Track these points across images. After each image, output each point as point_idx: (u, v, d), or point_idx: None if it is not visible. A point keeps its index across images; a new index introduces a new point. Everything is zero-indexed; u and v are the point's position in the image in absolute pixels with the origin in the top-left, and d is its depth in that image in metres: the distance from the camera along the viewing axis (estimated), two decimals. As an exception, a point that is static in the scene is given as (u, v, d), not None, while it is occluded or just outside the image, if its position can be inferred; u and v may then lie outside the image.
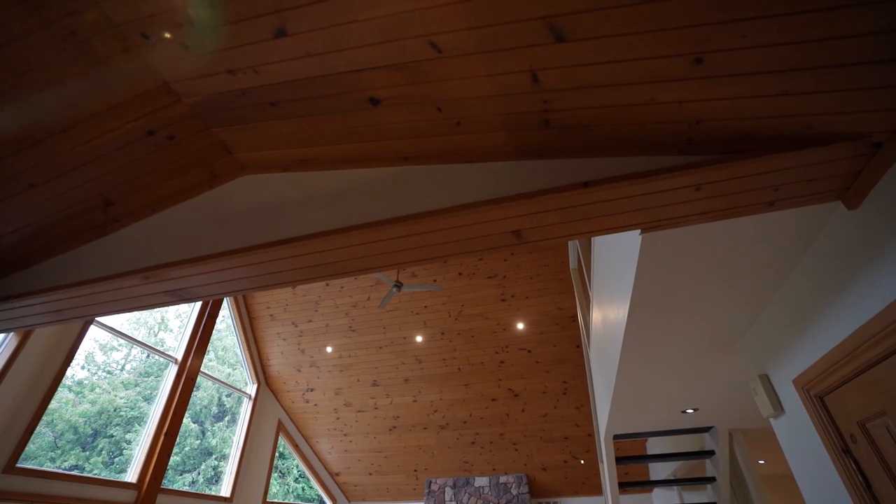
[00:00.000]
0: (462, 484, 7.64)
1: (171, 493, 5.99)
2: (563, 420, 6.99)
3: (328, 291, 7.13)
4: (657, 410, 3.08)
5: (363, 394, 7.55)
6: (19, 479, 4.45)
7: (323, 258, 1.51)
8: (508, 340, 6.77)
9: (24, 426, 4.57)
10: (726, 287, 1.65)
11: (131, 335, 6.08)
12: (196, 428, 11.92)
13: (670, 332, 1.99)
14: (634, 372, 2.43)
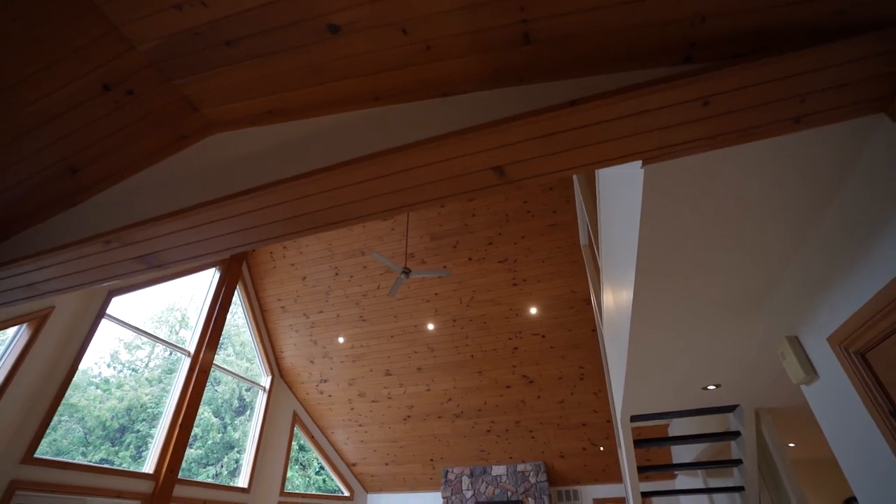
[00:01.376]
0: (479, 473, 7.52)
1: (189, 483, 6.02)
2: (580, 406, 6.79)
3: (338, 281, 7.06)
4: (675, 387, 2.88)
5: (376, 384, 7.48)
6: (38, 469, 4.50)
7: (293, 209, 1.38)
8: (522, 326, 6.59)
9: (40, 419, 4.60)
10: (746, 235, 1.46)
11: (153, 333, 6.10)
12: (218, 422, 12.08)
13: (683, 295, 1.80)
14: (647, 343, 2.25)
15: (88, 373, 10.71)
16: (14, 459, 4.34)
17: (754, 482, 3.58)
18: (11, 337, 4.48)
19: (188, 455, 10.73)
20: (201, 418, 11.84)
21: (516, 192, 6.09)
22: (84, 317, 5.11)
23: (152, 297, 6.51)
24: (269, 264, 7.41)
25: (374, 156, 1.20)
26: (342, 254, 6.91)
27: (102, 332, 5.40)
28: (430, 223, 6.48)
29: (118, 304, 5.66)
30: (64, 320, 4.85)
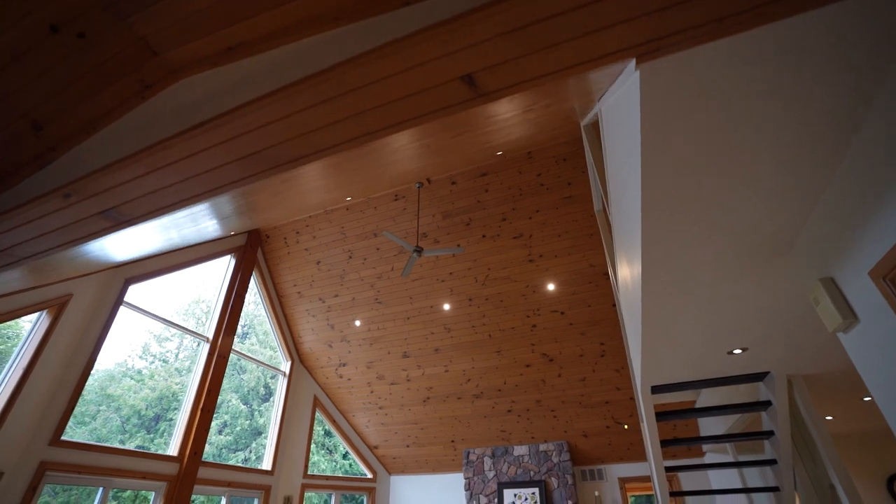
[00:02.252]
0: (501, 453, 7.44)
1: (213, 465, 6.12)
2: (602, 384, 6.61)
3: (352, 264, 7.01)
4: (697, 353, 2.69)
5: (394, 366, 7.44)
6: (65, 451, 4.61)
7: (251, 143, 1.27)
8: (539, 303, 6.42)
9: (65, 403, 4.71)
10: (768, 161, 1.27)
11: (181, 324, 6.17)
12: (245, 409, 12.38)
13: (696, 239, 1.62)
14: (661, 301, 2.07)
15: (124, 364, 11.11)
16: (43, 441, 4.47)
17: (788, 455, 3.36)
18: (33, 323, 4.58)
19: (218, 441, 11.05)
20: (230, 405, 12.16)
21: (529, 165, 5.88)
22: (102, 304, 5.19)
23: (179, 289, 6.61)
24: (284, 250, 7.42)
25: (326, 72, 1.07)
26: (355, 236, 6.85)
27: (121, 319, 5.49)
28: (443, 201, 6.34)
29: (136, 292, 5.75)
30: (82, 307, 4.94)
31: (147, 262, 5.76)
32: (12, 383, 4.27)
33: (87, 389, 10.51)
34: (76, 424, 9.59)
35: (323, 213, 6.85)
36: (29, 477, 4.30)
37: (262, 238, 7.54)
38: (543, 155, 5.82)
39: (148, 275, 5.77)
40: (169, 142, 1.25)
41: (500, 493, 7.09)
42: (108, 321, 5.22)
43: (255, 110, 1.15)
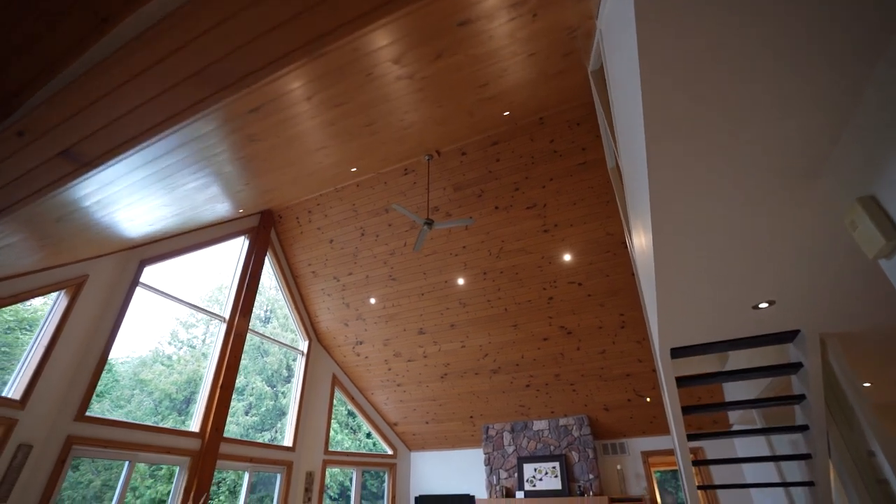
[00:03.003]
0: (520, 428, 7.37)
1: (235, 441, 6.23)
2: (622, 356, 6.42)
3: (364, 242, 6.94)
4: (718, 307, 2.50)
5: (411, 343, 7.41)
6: (91, 426, 4.74)
7: (195, 57, 1.15)
8: (556, 275, 6.24)
9: (88, 380, 4.82)
10: (791, 61, 1.08)
11: (198, 305, 6.21)
12: (270, 391, 12.68)
13: (711, 168, 1.44)
14: (675, 247, 1.89)
15: (156, 351, 11.49)
16: (68, 417, 4.59)
17: (821, 420, 3.16)
18: (52, 303, 4.66)
19: (245, 422, 11.34)
20: (254, 388, 12.47)
21: (542, 131, 5.65)
22: (118, 285, 5.26)
23: (195, 271, 6.68)
24: (297, 230, 7.40)
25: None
26: (366, 213, 6.76)
27: (145, 304, 5.57)
28: (453, 173, 6.18)
29: (153, 275, 5.81)
30: (99, 288, 5.01)
31: (161, 243, 5.80)
32: (35, 361, 4.37)
33: (122, 374, 10.92)
34: (113, 407, 10.00)
35: (334, 190, 6.78)
36: (57, 450, 4.44)
37: (275, 218, 7.53)
38: (556, 120, 5.57)
39: (162, 256, 5.82)
40: (106, 63, 1.15)
41: (521, 467, 7.04)
42: (125, 301, 5.29)
43: (189, 14, 1.03)
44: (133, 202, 3.52)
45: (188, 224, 5.35)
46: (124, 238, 4.56)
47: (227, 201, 5.05)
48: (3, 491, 4.00)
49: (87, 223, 3.64)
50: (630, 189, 2.28)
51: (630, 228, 3.12)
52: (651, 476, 6.79)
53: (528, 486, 6.85)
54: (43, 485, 4.29)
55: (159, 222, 4.65)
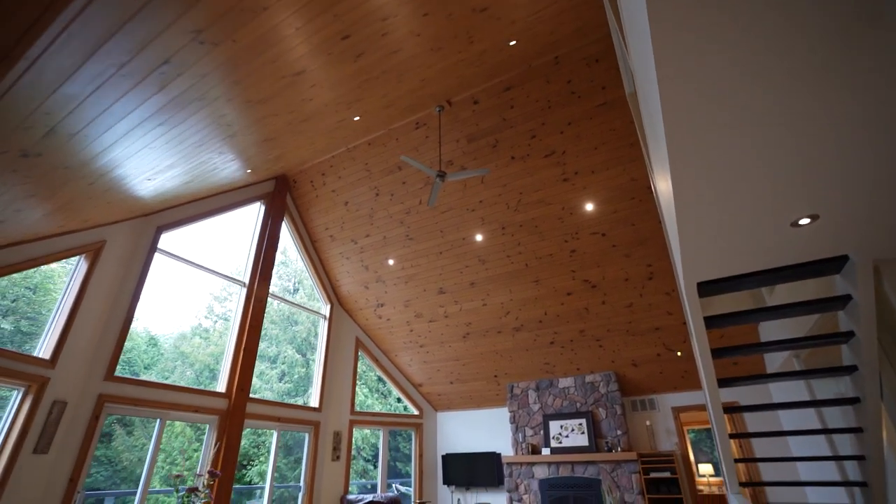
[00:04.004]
0: (545, 386, 7.26)
1: (261, 402, 6.37)
2: (651, 309, 6.14)
3: (379, 202, 6.80)
4: (750, 225, 2.20)
5: (431, 303, 7.32)
6: (119, 385, 4.89)
7: None
8: (578, 226, 5.94)
9: (114, 343, 4.94)
10: None
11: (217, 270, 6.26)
12: (301, 359, 13.04)
13: (734, 27, 1.17)
14: (693, 142, 1.63)
15: (195, 325, 11.96)
16: (98, 377, 4.74)
17: (872, 359, 2.85)
18: (73, 268, 4.76)
19: (279, 388, 11.72)
20: (286, 356, 12.86)
21: (557, 72, 5.27)
22: (137, 251, 5.32)
23: (212, 238, 6.72)
24: (312, 193, 7.32)
25: None
26: (380, 172, 6.59)
27: (166, 271, 5.64)
28: (465, 124, 5.89)
29: (173, 242, 5.86)
30: (117, 253, 5.08)
31: (177, 210, 5.82)
32: (60, 323, 4.49)
33: (166, 349, 11.42)
34: (160, 379, 10.53)
35: (345, 150, 6.61)
36: (91, 407, 4.61)
37: (290, 183, 7.47)
38: (572, 58, 5.17)
39: (178, 222, 5.84)
40: None
41: (546, 424, 6.96)
42: (144, 267, 5.36)
43: None
44: (136, 152, 3.46)
45: (198, 184, 5.31)
46: (134, 196, 4.55)
47: (230, 154, 4.96)
48: (43, 444, 4.19)
49: (94, 178, 3.61)
50: (643, 94, 2.00)
51: (650, 156, 2.82)
52: (683, 432, 6.58)
53: (554, 443, 6.78)
54: (80, 439, 4.48)
55: (168, 181, 4.61)
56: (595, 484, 6.26)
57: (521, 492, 6.71)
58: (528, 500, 6.62)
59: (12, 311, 5.10)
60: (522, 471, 6.80)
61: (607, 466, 6.26)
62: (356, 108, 5.08)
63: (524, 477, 6.76)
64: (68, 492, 4.33)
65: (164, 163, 4.03)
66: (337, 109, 4.80)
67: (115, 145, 3.25)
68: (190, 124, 3.59)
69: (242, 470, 10.14)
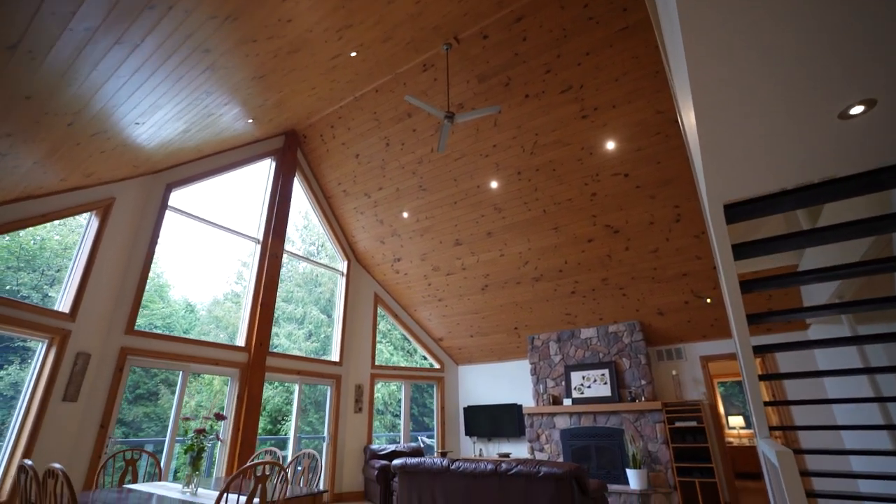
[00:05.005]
0: (567, 337, 7.09)
1: (281, 356, 6.46)
2: (678, 254, 5.78)
3: (390, 152, 6.56)
4: (787, 120, 1.87)
5: (448, 255, 7.16)
6: (140, 339, 5.00)
7: None
8: (598, 167, 5.57)
9: (132, 298, 5.02)
10: None
11: (230, 227, 6.26)
12: (325, 318, 13.30)
13: None
14: (712, 6, 1.32)
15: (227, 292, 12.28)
16: (119, 331, 4.85)
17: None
18: (85, 225, 4.79)
19: (306, 347, 12.01)
20: (311, 316, 13.11)
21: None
22: (147, 208, 5.32)
23: (224, 195, 6.69)
24: (322, 148, 7.14)
25: None
26: (389, 120, 6.32)
27: (168, 222, 5.64)
28: (475, 62, 5.51)
29: (184, 199, 5.84)
30: (128, 210, 5.09)
31: (186, 168, 5.76)
32: (77, 278, 4.56)
33: (199, 313, 11.81)
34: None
35: (353, 100, 6.35)
36: (114, 359, 4.74)
37: (300, 139, 7.30)
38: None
39: (188, 180, 5.79)
40: None
41: (568, 375, 6.84)
42: (156, 224, 5.37)
43: None
44: (139, 101, 3.33)
45: (199, 134, 5.19)
46: (125, 144, 4.46)
47: (220, 94, 4.77)
48: (71, 391, 4.35)
49: (70, 117, 3.51)
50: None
51: (666, 50, 2.46)
52: (712, 381, 6.34)
53: (575, 394, 6.66)
54: (106, 389, 4.64)
55: (162, 128, 4.50)
56: (617, 434, 6.15)
57: (542, 442, 6.69)
58: (549, 450, 6.60)
59: (31, 266, 5.23)
60: (543, 421, 6.75)
61: (630, 416, 6.12)
62: (349, 40, 4.76)
63: (545, 427, 6.72)
64: (99, 437, 4.52)
65: (147, 102, 3.87)
66: (326, 38, 4.50)
67: (83, 80, 3.11)
68: (191, 79, 3.41)
69: (278, 425, 10.59)
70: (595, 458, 6.22)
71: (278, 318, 13.15)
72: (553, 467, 3.54)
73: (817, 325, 5.63)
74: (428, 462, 4.15)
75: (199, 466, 3.06)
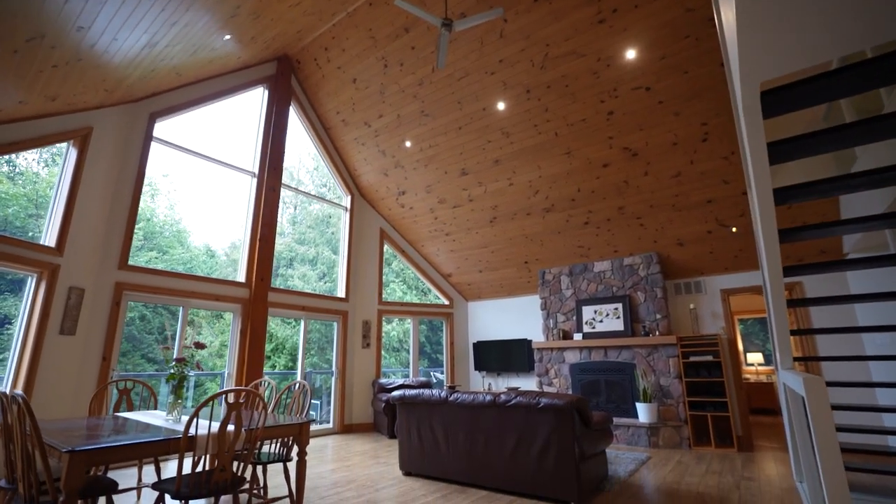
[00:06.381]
0: (580, 271, 6.77)
1: (285, 291, 6.36)
2: (703, 177, 5.27)
3: (389, 75, 6.01)
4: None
5: (454, 186, 6.76)
6: (135, 274, 4.89)
7: None
8: (617, 80, 4.96)
9: (123, 232, 4.87)
10: None
11: (224, 161, 5.97)
12: (337, 258, 13.32)
13: None
14: None
15: (244, 235, 12.31)
16: (112, 266, 4.74)
17: None
18: (64, 156, 4.55)
19: (319, 287, 12.04)
20: (324, 256, 13.09)
21: None
22: (131, 139, 5.05)
23: (214, 127, 6.34)
24: (318, 74, 6.61)
25: None
26: (385, 38, 5.72)
27: (155, 154, 5.36)
28: (478, -41, 4.80)
29: (169, 130, 5.52)
30: (108, 140, 4.82)
31: (168, 95, 5.40)
32: (60, 211, 4.39)
33: (220, 258, 11.86)
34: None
35: (346, 16, 5.74)
36: (110, 294, 4.67)
37: (293, 64, 6.77)
38: None
39: (173, 109, 5.44)
40: None
41: (579, 310, 6.59)
42: (142, 156, 5.11)
43: None
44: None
45: (172, 52, 4.76)
46: (102, 66, 4.10)
47: (198, 9, 4.31)
48: (68, 325, 4.31)
49: (31, 32, 3.15)
50: None
51: None
52: (731, 316, 6.00)
53: (587, 329, 6.45)
54: (105, 323, 4.60)
55: (136, 47, 4.10)
56: (628, 368, 5.97)
57: (550, 376, 6.59)
58: (558, 384, 6.51)
59: (13, 201, 5.10)
60: (553, 356, 6.62)
61: (643, 351, 5.90)
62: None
63: (555, 362, 6.59)
64: (102, 370, 4.55)
65: (138, 31, 3.46)
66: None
67: None
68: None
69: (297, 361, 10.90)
70: (605, 393, 6.11)
71: (292, 259, 13.19)
72: (554, 398, 3.35)
73: (856, 253, 5.16)
74: (426, 394, 4.04)
75: (182, 395, 2.96)
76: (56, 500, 2.11)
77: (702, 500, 3.33)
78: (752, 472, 4.23)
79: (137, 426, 2.69)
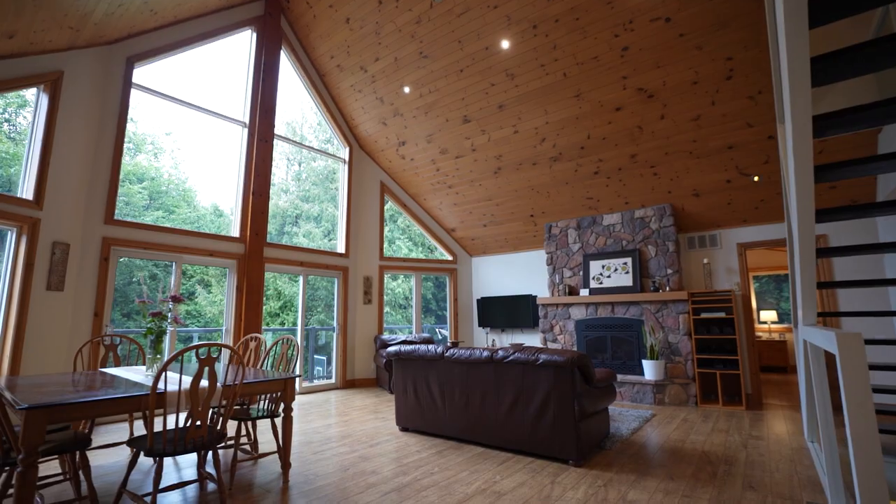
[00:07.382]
0: (588, 224, 6.46)
1: (283, 247, 6.18)
2: (725, 121, 4.83)
3: (384, 12, 5.52)
4: None
5: (456, 135, 6.38)
6: (123, 229, 4.72)
7: None
8: (633, 11, 4.46)
9: (107, 185, 4.66)
10: None
11: (211, 109, 5.64)
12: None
13: None
14: None
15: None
16: (97, 220, 4.56)
17: None
18: (35, 102, 4.27)
19: (324, 245, 11.89)
20: (327, 213, 12.88)
21: None
22: (107, 85, 4.74)
23: (200, 73, 5.96)
24: (309, 14, 6.13)
25: None
26: (378, -32, 5.20)
27: (136, 101, 5.05)
28: None
29: (151, 76, 5.18)
30: (82, 85, 4.51)
31: (146, 38, 5.02)
32: (35, 162, 4.16)
33: (227, 216, 11.68)
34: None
35: (335, -57, 5.20)
36: (97, 249, 4.52)
37: (282, 4, 6.27)
38: None
39: (152, 53, 5.07)
40: None
41: (586, 264, 6.33)
42: (122, 104, 4.81)
43: None
44: None
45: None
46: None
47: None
48: (55, 281, 4.19)
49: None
50: None
51: None
52: (747, 271, 5.70)
53: (594, 284, 6.21)
54: (94, 278, 4.48)
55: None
56: (636, 324, 5.77)
57: (555, 332, 6.43)
58: (563, 340, 6.36)
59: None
60: (558, 312, 6.43)
61: (651, 307, 5.67)
62: None
63: (560, 318, 6.41)
64: (95, 326, 4.47)
65: None
66: None
67: None
68: None
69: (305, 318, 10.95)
70: (610, 349, 5.94)
71: (297, 217, 13.00)
72: (554, 355, 3.16)
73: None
74: (422, 349, 3.88)
75: (160, 349, 2.83)
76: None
77: (707, 459, 3.18)
78: (761, 430, 4.07)
79: (115, 381, 2.57)
